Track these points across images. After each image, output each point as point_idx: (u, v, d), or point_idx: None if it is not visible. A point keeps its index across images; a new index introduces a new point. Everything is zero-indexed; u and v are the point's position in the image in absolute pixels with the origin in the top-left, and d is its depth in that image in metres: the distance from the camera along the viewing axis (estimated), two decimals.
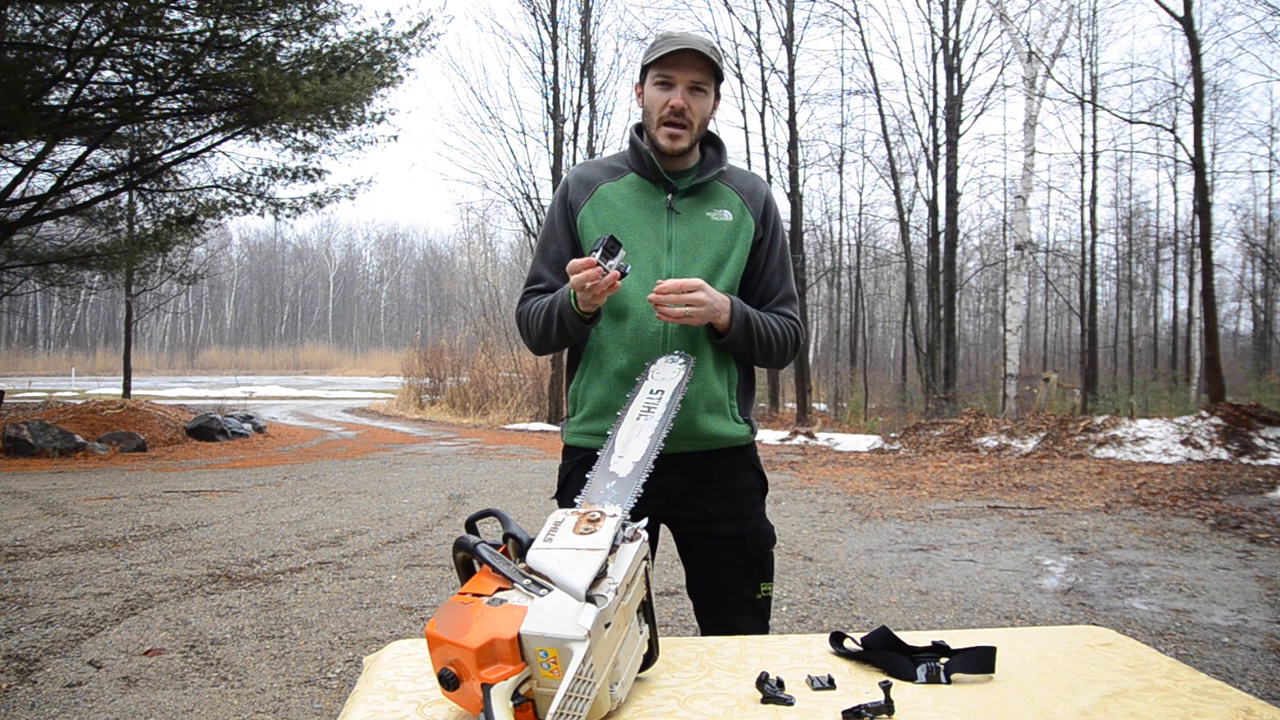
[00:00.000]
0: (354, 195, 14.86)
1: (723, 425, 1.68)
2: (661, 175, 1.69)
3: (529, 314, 1.72)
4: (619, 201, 1.70)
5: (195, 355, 58.45)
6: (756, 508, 1.74)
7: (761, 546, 1.72)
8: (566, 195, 1.75)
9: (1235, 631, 3.68)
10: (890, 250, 24.19)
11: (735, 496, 1.71)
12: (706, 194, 1.72)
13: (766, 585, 1.72)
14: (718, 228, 1.69)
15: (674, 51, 1.60)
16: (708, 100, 1.66)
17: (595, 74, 18.06)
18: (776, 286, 1.75)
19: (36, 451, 10.31)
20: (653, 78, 1.65)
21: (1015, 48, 14.87)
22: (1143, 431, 10.34)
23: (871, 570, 4.81)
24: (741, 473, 1.73)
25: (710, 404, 1.66)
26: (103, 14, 10.73)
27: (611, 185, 1.72)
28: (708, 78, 1.63)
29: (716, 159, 1.74)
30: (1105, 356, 24.68)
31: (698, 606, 1.76)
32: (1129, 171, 24.25)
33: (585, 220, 1.71)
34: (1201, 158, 12.07)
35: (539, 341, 1.71)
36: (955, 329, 18.15)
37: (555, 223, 1.75)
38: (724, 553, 1.70)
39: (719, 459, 1.70)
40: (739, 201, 1.72)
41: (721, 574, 1.71)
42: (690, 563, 1.75)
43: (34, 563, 4.82)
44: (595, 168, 1.77)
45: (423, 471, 9.29)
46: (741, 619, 1.68)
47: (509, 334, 22.41)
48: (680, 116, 1.63)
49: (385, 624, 3.75)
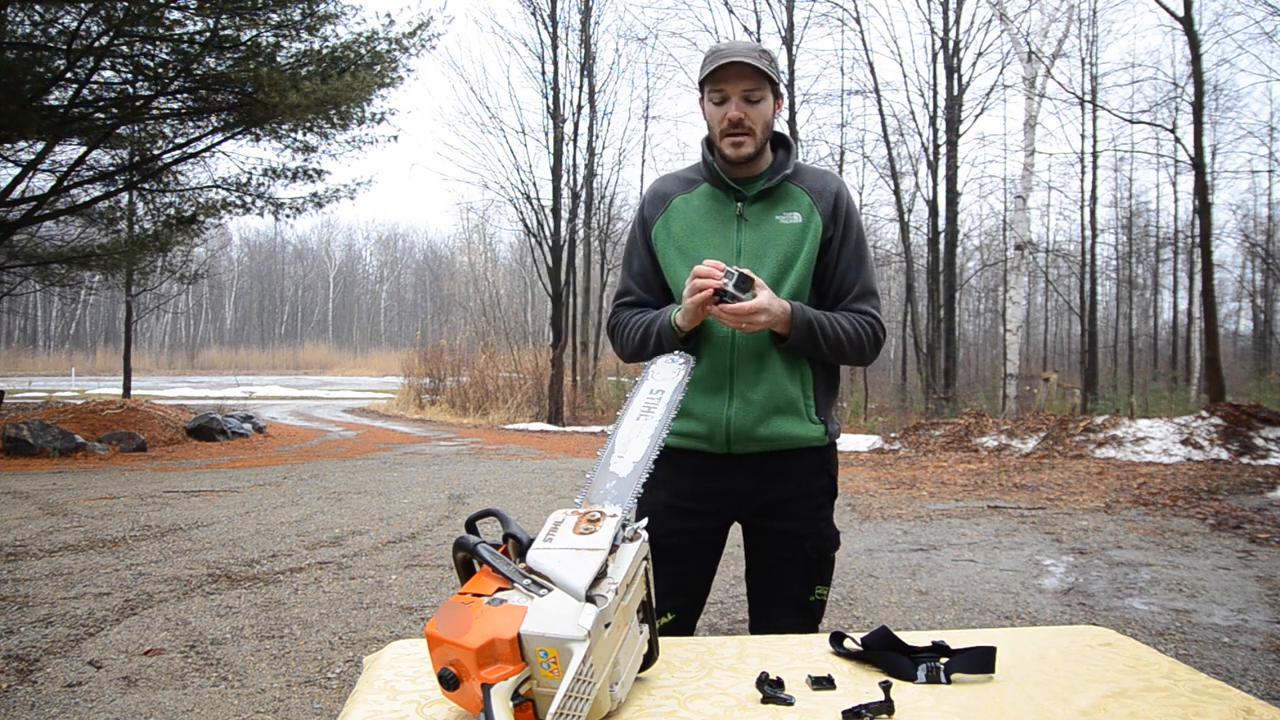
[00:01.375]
0: (354, 195, 14.87)
1: (793, 426, 1.69)
2: (730, 184, 1.72)
3: (623, 326, 1.77)
4: (691, 213, 1.74)
5: (195, 355, 58.43)
6: (823, 511, 1.75)
7: (822, 549, 1.72)
8: (644, 211, 1.80)
9: (1235, 631, 3.68)
10: (890, 250, 24.18)
11: (804, 496, 1.72)
12: (776, 198, 1.72)
13: (822, 589, 1.72)
14: (785, 231, 1.70)
15: (721, 66, 1.61)
16: (765, 105, 1.66)
17: (595, 74, 18.08)
18: (852, 283, 1.73)
19: (36, 451, 10.31)
20: (708, 94, 1.68)
21: (1015, 48, 14.88)
22: (1143, 431, 10.34)
23: (871, 570, 4.81)
24: (812, 474, 1.73)
25: (780, 405, 1.67)
26: (103, 14, 10.73)
27: (685, 198, 1.76)
28: (760, 83, 1.64)
29: (785, 160, 1.75)
30: (1105, 356, 24.68)
31: (751, 600, 1.79)
32: (1129, 171, 24.29)
33: (658, 234, 1.76)
34: (1201, 158, 12.07)
35: (633, 353, 1.76)
36: (955, 329, 18.16)
37: (636, 238, 1.81)
38: (782, 549, 1.72)
39: (790, 459, 1.71)
40: (808, 201, 1.72)
41: (777, 571, 1.73)
42: (750, 554, 1.78)
43: (34, 563, 4.82)
44: (671, 181, 1.81)
45: (423, 471, 9.29)
46: (790, 617, 1.69)
47: (509, 334, 22.42)
48: (739, 127, 1.65)
49: (385, 624, 3.75)
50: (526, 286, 35.18)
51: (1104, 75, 22.58)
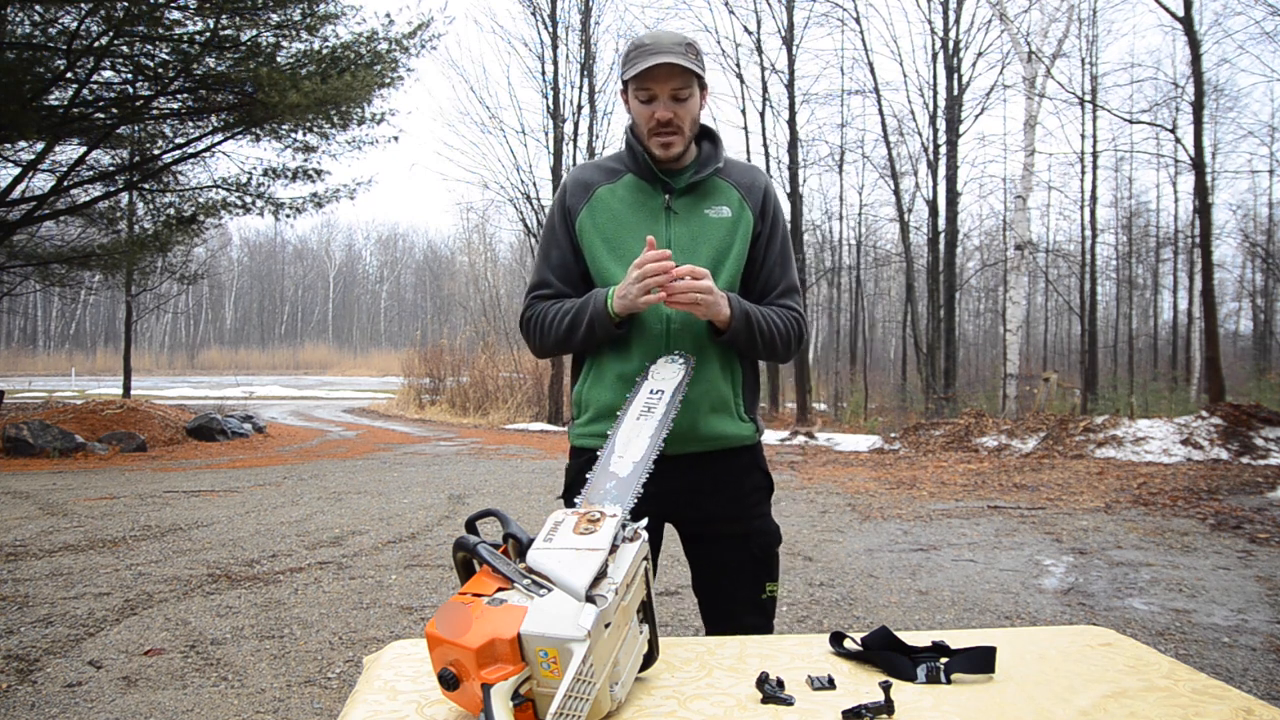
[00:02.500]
0: (354, 195, 14.87)
1: (728, 425, 1.68)
2: (658, 175, 1.68)
3: (544, 317, 1.70)
4: (616, 204, 1.69)
5: (195, 355, 58.42)
6: (762, 507, 1.74)
7: (766, 546, 1.71)
8: (565, 200, 1.74)
9: (1235, 631, 3.68)
10: (890, 250, 24.19)
11: (740, 496, 1.71)
12: (704, 191, 1.70)
13: (771, 585, 1.72)
14: (716, 225, 1.68)
15: (650, 67, 1.58)
16: (693, 101, 1.64)
17: (595, 74, 18.07)
18: (778, 279, 1.73)
19: (36, 451, 10.31)
20: (633, 91, 1.63)
21: (1015, 48, 14.87)
22: (1143, 431, 10.34)
23: (871, 570, 4.81)
24: (747, 472, 1.72)
25: (715, 404, 1.65)
26: (103, 14, 10.73)
27: (609, 188, 1.71)
28: (688, 81, 1.61)
29: (713, 154, 1.72)
30: (1105, 356, 24.67)
31: (703, 605, 1.76)
32: (1129, 171, 24.27)
33: (584, 224, 1.70)
34: (1201, 158, 12.07)
35: (555, 344, 1.70)
36: (955, 329, 18.15)
37: (555, 228, 1.74)
38: (729, 552, 1.70)
39: (725, 459, 1.69)
40: (737, 196, 1.71)
41: (726, 573, 1.71)
42: (695, 562, 1.75)
43: (34, 563, 4.82)
44: (592, 170, 1.75)
45: (423, 471, 9.29)
46: (746, 618, 1.68)
47: (509, 334, 22.40)
48: (668, 126, 1.62)
49: (385, 624, 3.75)
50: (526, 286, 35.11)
51: (1104, 75, 22.60)
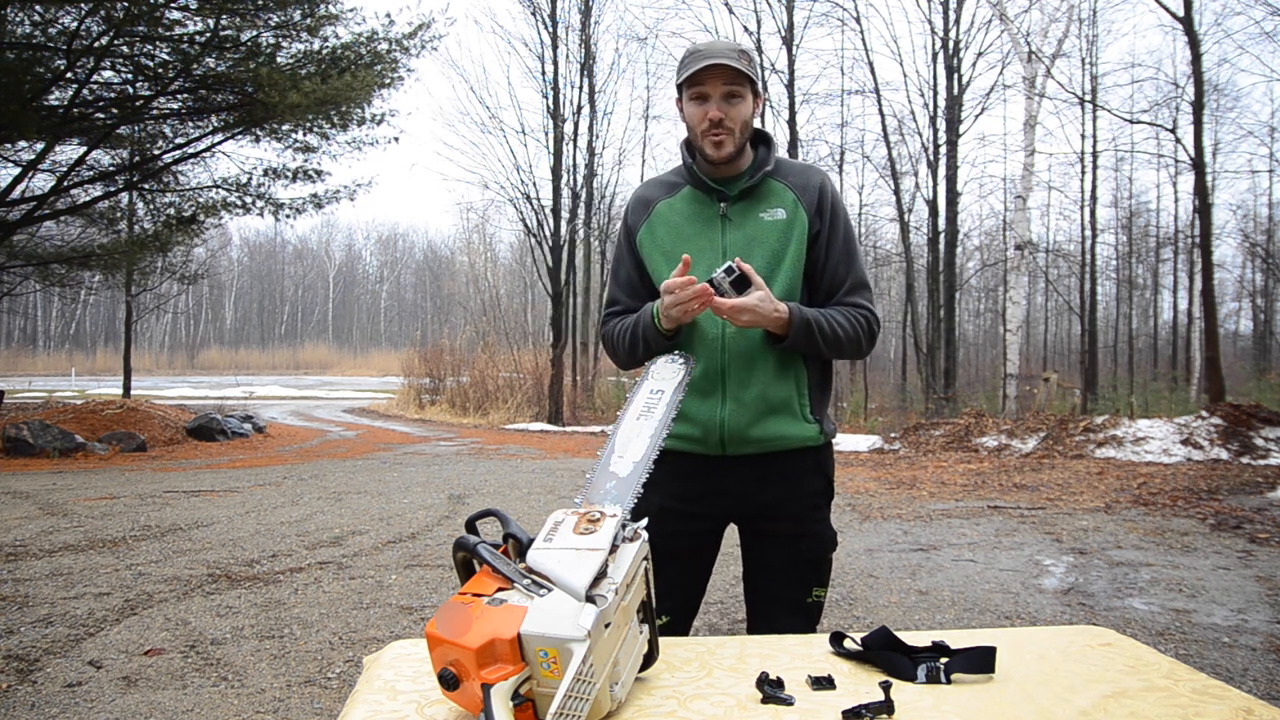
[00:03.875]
0: (354, 196, 14.87)
1: (786, 426, 1.68)
2: (712, 186, 1.71)
3: (612, 335, 1.78)
4: (674, 217, 1.74)
5: (195, 355, 58.41)
6: (820, 512, 1.74)
7: (819, 550, 1.72)
8: (627, 218, 1.80)
9: (1235, 631, 3.68)
10: (890, 250, 24.18)
11: (797, 499, 1.71)
12: (759, 195, 1.71)
13: (819, 590, 1.72)
14: (770, 227, 1.69)
15: (702, 68, 1.61)
16: (745, 104, 1.66)
17: (595, 74, 18.08)
18: (843, 277, 1.72)
19: (36, 451, 10.31)
20: (688, 94, 1.67)
21: (1015, 48, 14.87)
22: (1143, 431, 10.34)
23: (871, 570, 4.81)
24: (807, 475, 1.72)
25: (773, 405, 1.66)
26: (103, 14, 10.73)
27: (668, 202, 1.76)
28: (740, 83, 1.63)
29: (766, 157, 1.73)
30: (1105, 356, 24.68)
31: (749, 602, 1.79)
32: (1129, 171, 24.28)
33: (643, 240, 1.76)
34: (1201, 158, 12.07)
35: (627, 358, 1.76)
36: (955, 329, 18.15)
37: (622, 246, 1.81)
38: (779, 551, 1.71)
39: (785, 459, 1.69)
40: (792, 197, 1.71)
41: (774, 573, 1.72)
42: (747, 557, 1.77)
43: (34, 563, 4.82)
44: (653, 186, 1.81)
45: (423, 471, 9.29)
46: (788, 619, 1.69)
47: (509, 334, 22.41)
48: (719, 126, 1.64)
49: (385, 624, 3.75)
50: (526, 286, 35.16)
51: (1104, 75, 22.61)
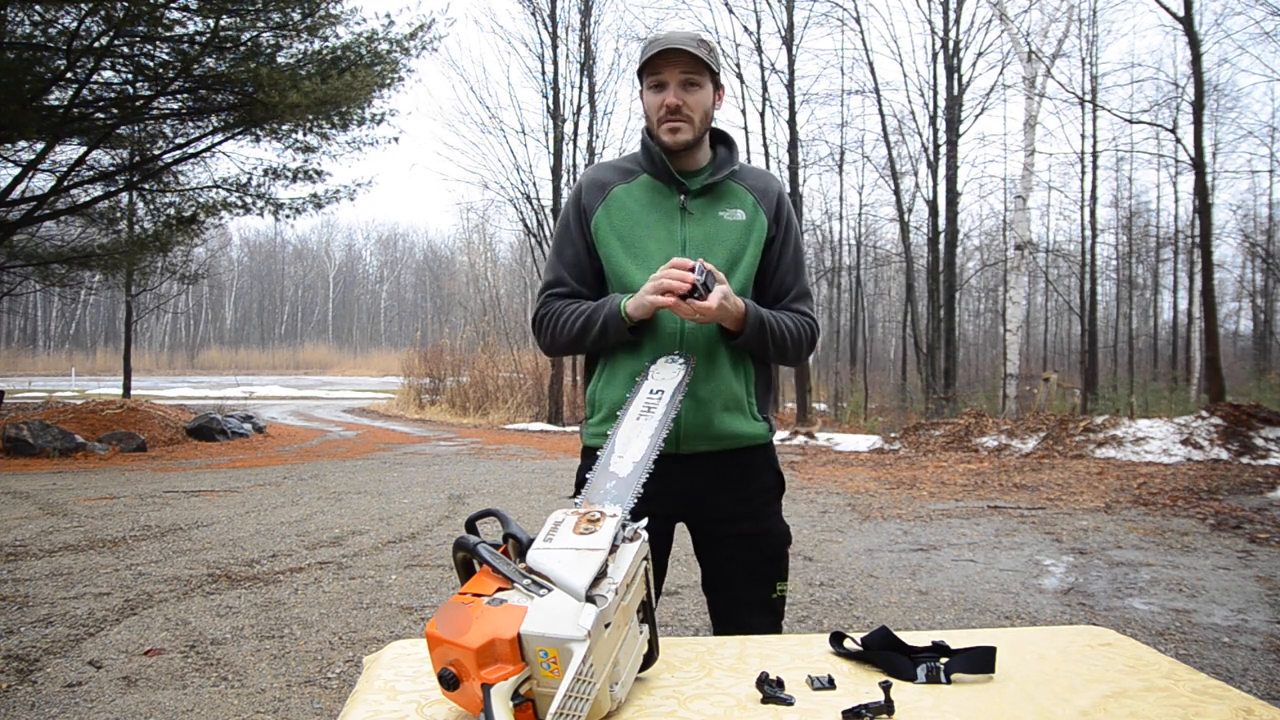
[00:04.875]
0: (354, 196, 14.87)
1: (740, 424, 1.68)
2: (673, 175, 1.69)
3: (556, 316, 1.70)
4: (632, 204, 1.71)
5: (195, 355, 58.41)
6: (773, 507, 1.75)
7: (777, 546, 1.72)
8: (580, 199, 1.75)
9: (1235, 631, 3.68)
10: (890, 250, 24.19)
11: (752, 496, 1.71)
12: (719, 193, 1.71)
13: (781, 585, 1.72)
14: (731, 227, 1.69)
15: (660, 53, 1.60)
16: (704, 93, 1.65)
17: (595, 74, 18.08)
18: (791, 284, 1.74)
19: (36, 451, 10.31)
20: (646, 82, 1.66)
21: (1015, 48, 14.87)
22: (1143, 431, 10.34)
23: (871, 570, 4.81)
24: (759, 472, 1.73)
25: (728, 403, 1.66)
26: (103, 14, 10.73)
27: (625, 187, 1.73)
28: (698, 70, 1.62)
29: (729, 158, 1.74)
30: (1105, 356, 24.68)
31: (712, 604, 1.77)
32: (1129, 171, 24.26)
33: (600, 223, 1.71)
34: (1202, 158, 12.07)
35: (566, 344, 1.71)
36: (955, 329, 18.16)
37: (570, 226, 1.75)
38: (739, 552, 1.71)
39: (737, 458, 1.70)
40: (752, 200, 1.72)
41: (736, 573, 1.71)
42: (705, 561, 1.76)
43: (34, 563, 4.82)
44: (608, 170, 1.77)
45: (423, 471, 9.29)
46: (755, 618, 1.69)
47: (509, 334, 22.41)
48: (676, 113, 1.63)
49: (385, 624, 3.75)
50: (526, 286, 35.14)
51: (1104, 75, 22.61)
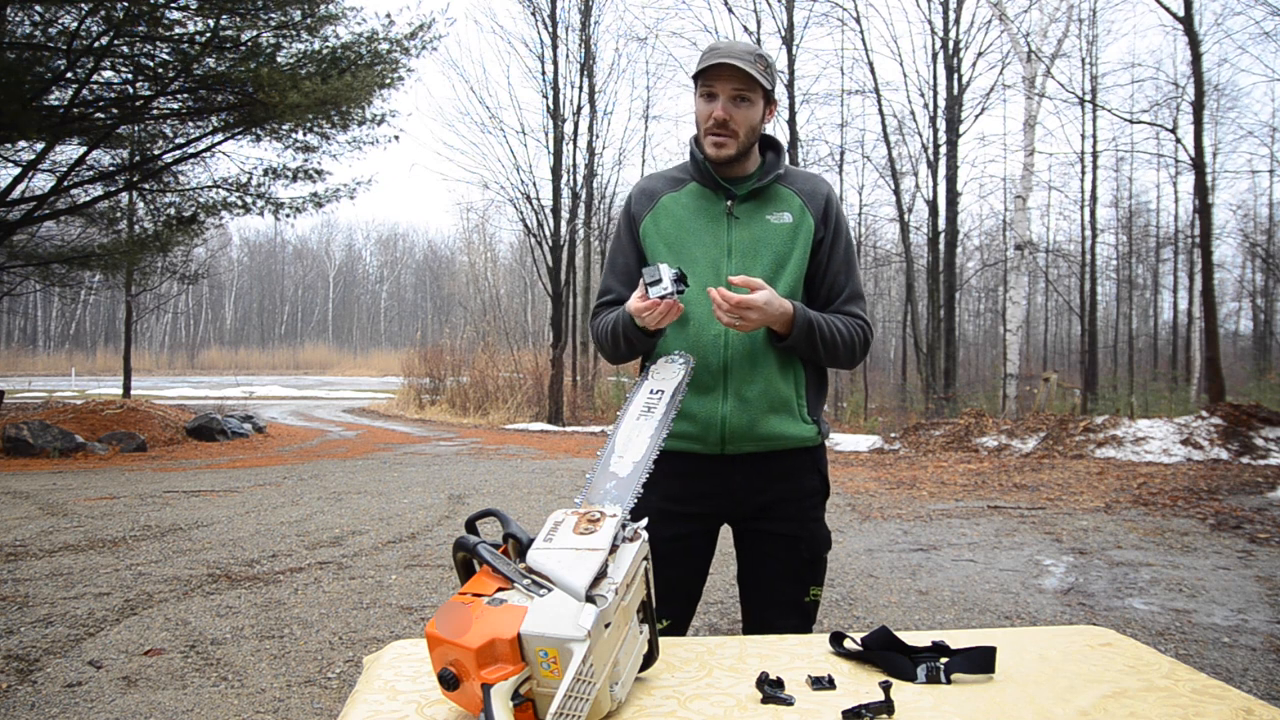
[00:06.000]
0: (354, 195, 14.86)
1: (788, 425, 1.68)
2: (719, 183, 1.71)
3: (601, 328, 1.76)
4: (680, 211, 1.73)
5: (195, 355, 58.39)
6: (816, 511, 1.75)
7: (816, 549, 1.73)
8: (630, 208, 1.79)
9: (1235, 631, 3.68)
10: (890, 250, 24.19)
11: (797, 498, 1.72)
12: (766, 198, 1.72)
13: (816, 589, 1.73)
14: (777, 230, 1.70)
15: (713, 65, 1.61)
16: (754, 109, 1.65)
17: (595, 74, 18.07)
18: (842, 286, 1.74)
19: (36, 451, 10.31)
20: (699, 90, 1.68)
21: (1015, 48, 14.87)
22: (1143, 431, 10.34)
23: (871, 570, 4.81)
24: (805, 474, 1.73)
25: (775, 404, 1.67)
26: (103, 14, 10.73)
27: (673, 196, 1.75)
28: (750, 86, 1.63)
29: (775, 162, 1.74)
30: (1105, 356, 24.69)
31: (744, 602, 1.78)
32: (1129, 171, 24.27)
33: (648, 230, 1.74)
34: (1202, 158, 12.07)
35: (612, 353, 1.75)
36: (955, 329, 18.16)
37: (622, 235, 1.80)
38: (778, 552, 1.71)
39: (784, 459, 1.70)
40: (799, 203, 1.72)
41: (772, 573, 1.72)
42: (743, 557, 1.77)
43: (34, 563, 4.82)
44: (658, 179, 1.80)
45: (423, 471, 9.29)
46: (786, 619, 1.69)
47: (509, 334, 22.42)
48: (723, 128, 1.64)
49: (385, 624, 3.75)
50: (526, 286, 35.18)
51: (1104, 75, 22.64)
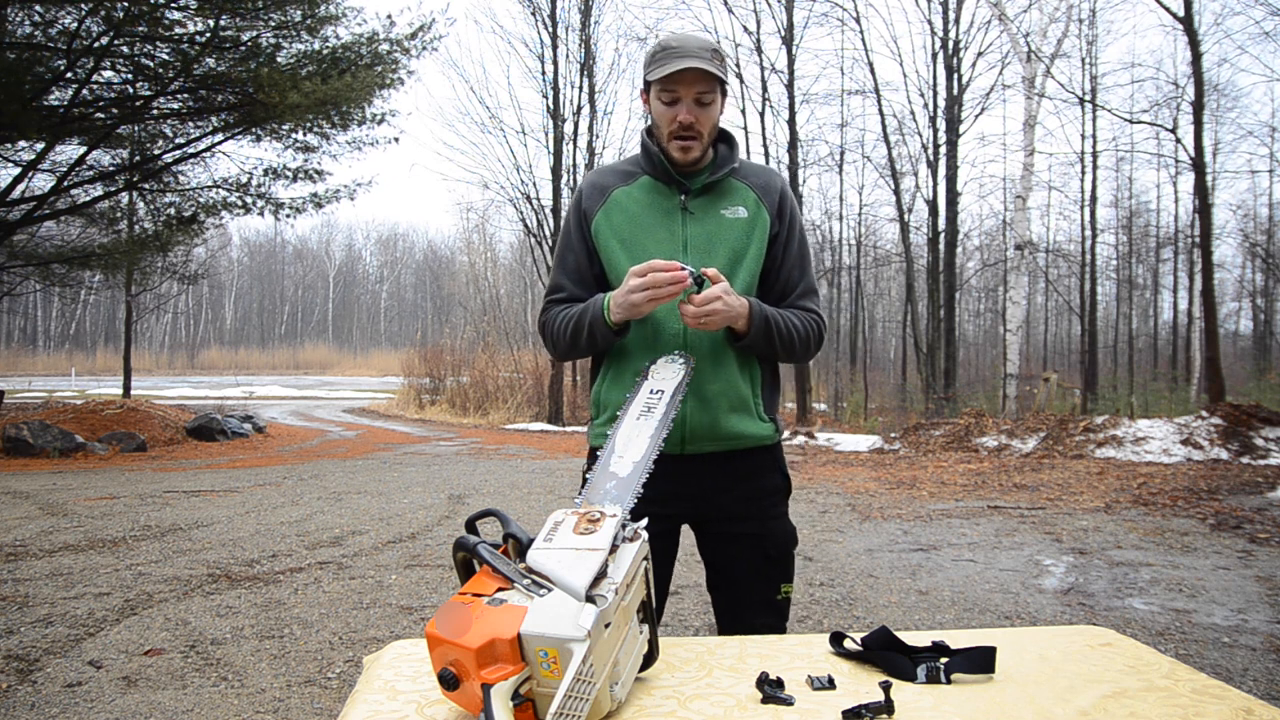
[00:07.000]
0: (354, 196, 14.87)
1: (747, 424, 1.67)
2: (674, 176, 1.69)
3: (554, 323, 1.71)
4: (632, 205, 1.70)
5: (195, 355, 58.40)
6: (779, 508, 1.74)
7: (782, 547, 1.72)
8: (580, 203, 1.74)
9: (1235, 631, 3.68)
10: (890, 250, 24.19)
11: (759, 497, 1.71)
12: (720, 192, 1.70)
13: (786, 586, 1.72)
14: (732, 225, 1.68)
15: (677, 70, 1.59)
16: (715, 108, 1.65)
17: (595, 74, 18.08)
18: (796, 280, 1.73)
19: (36, 451, 10.31)
20: (656, 92, 1.64)
21: (1015, 48, 14.87)
22: (1143, 431, 10.34)
23: (871, 570, 4.81)
24: (766, 472, 1.72)
25: (734, 403, 1.65)
26: (103, 14, 10.73)
27: (625, 190, 1.72)
28: (712, 86, 1.62)
29: (729, 155, 1.72)
30: (1105, 356, 24.69)
31: (716, 605, 1.76)
32: (1129, 171, 24.26)
33: (600, 226, 1.70)
34: (1202, 158, 12.07)
35: (565, 350, 1.71)
36: (955, 329, 18.16)
37: (571, 232, 1.75)
38: (745, 552, 1.70)
39: (744, 458, 1.69)
40: (754, 197, 1.71)
41: (742, 573, 1.71)
42: (710, 561, 1.75)
43: (34, 563, 4.82)
44: (608, 173, 1.76)
45: (423, 471, 9.29)
46: (759, 618, 1.68)
47: (509, 334, 22.42)
48: (689, 130, 1.63)
49: (385, 624, 3.75)
50: (526, 286, 35.16)
51: (1104, 75, 22.66)
